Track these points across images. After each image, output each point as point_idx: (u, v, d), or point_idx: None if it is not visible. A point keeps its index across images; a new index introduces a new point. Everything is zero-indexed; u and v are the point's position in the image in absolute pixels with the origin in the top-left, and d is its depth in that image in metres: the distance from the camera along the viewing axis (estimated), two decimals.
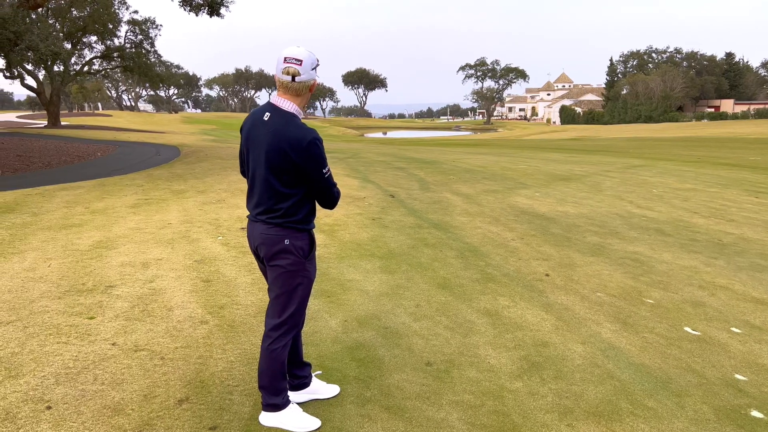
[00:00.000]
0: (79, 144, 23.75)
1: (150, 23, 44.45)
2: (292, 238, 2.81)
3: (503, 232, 7.59)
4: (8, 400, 3.11)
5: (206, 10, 17.38)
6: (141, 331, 4.08)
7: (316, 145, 2.68)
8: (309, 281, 2.93)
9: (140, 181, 12.00)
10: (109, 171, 14.21)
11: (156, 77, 46.96)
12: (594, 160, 19.16)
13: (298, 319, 2.98)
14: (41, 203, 8.89)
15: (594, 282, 5.52)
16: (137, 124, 55.92)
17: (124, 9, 45.05)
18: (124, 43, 44.71)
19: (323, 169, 2.74)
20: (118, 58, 45.12)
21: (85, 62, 46.70)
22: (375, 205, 9.30)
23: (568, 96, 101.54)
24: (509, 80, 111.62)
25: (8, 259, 5.74)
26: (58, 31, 41.94)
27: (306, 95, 2.77)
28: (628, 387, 3.47)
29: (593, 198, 10.63)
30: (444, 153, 23.08)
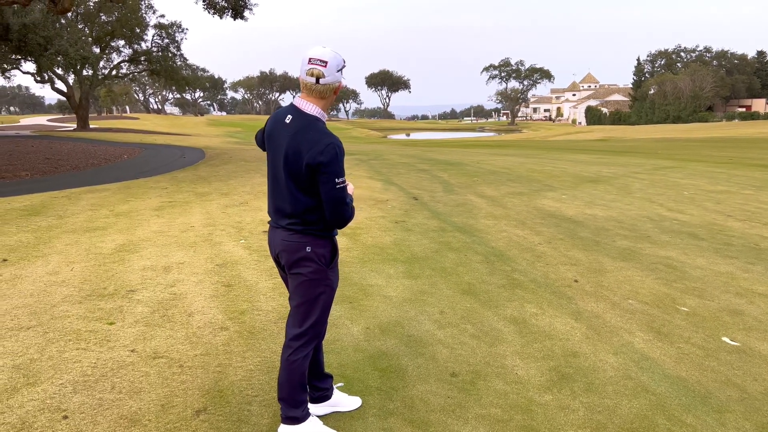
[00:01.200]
0: (106, 147, 24.08)
1: (176, 27, 44.96)
2: (313, 246, 2.69)
3: (529, 235, 7.41)
4: (25, 408, 3.06)
5: (230, 13, 17.45)
6: (160, 338, 4.02)
7: (334, 150, 2.54)
8: (331, 290, 2.82)
9: (165, 184, 12.05)
10: (134, 174, 14.32)
11: (182, 80, 47.52)
12: (622, 162, 18.77)
13: (320, 329, 2.86)
14: (67, 206, 8.96)
15: (625, 288, 5.33)
16: (164, 126, 56.65)
17: (151, 13, 45.81)
18: (150, 47, 45.29)
19: (336, 178, 2.57)
20: (145, 62, 45.72)
21: (113, 66, 47.44)
22: (398, 208, 9.18)
23: (594, 96, 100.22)
24: (534, 81, 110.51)
25: (32, 262, 5.75)
26: (87, 35, 42.67)
27: (330, 98, 2.66)
28: (664, 401, 3.30)
29: (622, 200, 10.36)
30: (468, 154, 22.87)
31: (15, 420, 2.95)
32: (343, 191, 2.61)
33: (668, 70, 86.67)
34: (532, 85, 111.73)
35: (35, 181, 12.57)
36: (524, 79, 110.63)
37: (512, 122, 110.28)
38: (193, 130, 55.84)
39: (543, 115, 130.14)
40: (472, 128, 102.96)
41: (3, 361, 3.60)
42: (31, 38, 26.96)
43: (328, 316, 2.92)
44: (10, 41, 27.16)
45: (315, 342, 2.87)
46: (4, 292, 4.88)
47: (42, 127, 51.05)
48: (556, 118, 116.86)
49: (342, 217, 2.66)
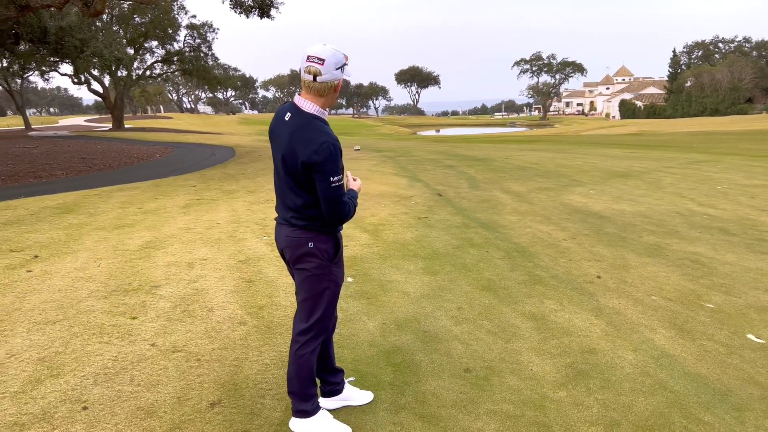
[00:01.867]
0: (139, 146, 24.59)
1: (207, 27, 45.61)
2: (316, 241, 2.71)
3: (554, 231, 7.32)
4: (47, 399, 3.16)
5: (257, 12, 17.61)
6: (180, 332, 4.10)
7: (328, 148, 2.52)
8: (335, 285, 2.83)
9: (193, 182, 12.26)
10: (165, 172, 14.59)
11: (213, 80, 48.22)
12: (654, 156, 18.39)
13: (326, 323, 2.87)
14: (98, 204, 9.19)
15: (649, 284, 5.23)
16: (196, 125, 57.58)
17: (183, 14, 46.50)
18: (183, 47, 46.05)
19: (331, 177, 2.54)
20: (178, 62, 46.50)
21: (147, 66, 48.39)
22: (422, 204, 9.17)
23: (629, 90, 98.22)
24: (566, 74, 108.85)
25: (62, 258, 5.92)
26: (121, 37, 43.59)
27: (330, 96, 2.65)
28: (682, 399, 3.23)
29: (652, 195, 10.15)
30: (497, 150, 22.68)
31: (37, 410, 3.05)
32: (339, 190, 2.58)
33: (706, 61, 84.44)
34: (564, 79, 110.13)
35: (70, 180, 12.92)
36: (556, 73, 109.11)
37: (544, 117, 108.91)
38: (225, 128, 56.62)
39: (576, 110, 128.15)
40: (503, 123, 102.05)
41: (29, 353, 3.72)
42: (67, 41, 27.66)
43: (335, 311, 2.93)
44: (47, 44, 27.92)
45: (322, 336, 2.89)
46: (34, 287, 5.04)
47: (79, 127, 52.37)
48: (589, 113, 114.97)
49: (338, 215, 2.64)
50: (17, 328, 4.13)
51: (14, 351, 3.76)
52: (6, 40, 26.82)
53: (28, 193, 10.39)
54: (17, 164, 16.36)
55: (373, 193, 10.21)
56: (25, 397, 3.18)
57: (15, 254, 6.06)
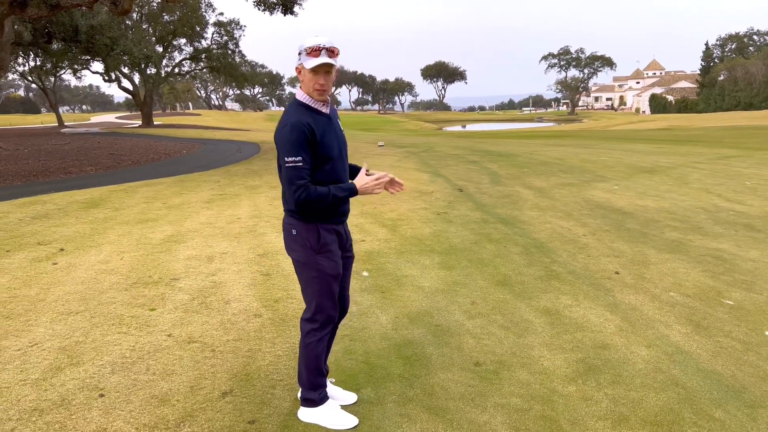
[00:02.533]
0: (167, 142, 24.98)
1: (234, 24, 46.00)
2: (298, 228, 2.77)
3: (574, 227, 7.26)
4: (66, 386, 3.27)
5: (280, 9, 17.74)
6: (197, 323, 4.19)
7: (287, 128, 2.60)
8: (323, 275, 2.81)
9: (218, 177, 12.43)
10: (190, 168, 14.82)
11: (240, 77, 48.65)
12: (682, 151, 18.05)
13: (329, 313, 2.88)
14: (123, 199, 9.39)
15: (668, 281, 5.16)
16: (224, 122, 58.24)
17: (211, 11, 46.98)
18: (210, 45, 46.56)
19: (286, 156, 2.60)
20: (206, 59, 47.04)
21: (175, 64, 49.07)
22: (442, 200, 9.16)
23: (660, 84, 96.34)
24: (595, 69, 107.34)
25: (86, 252, 6.08)
26: (150, 35, 44.30)
27: (303, 80, 2.71)
28: (693, 395, 3.20)
29: (677, 191, 9.99)
30: (522, 145, 22.51)
31: (55, 397, 3.15)
32: (292, 171, 2.59)
33: (739, 54, 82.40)
34: (593, 74, 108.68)
35: (98, 176, 13.21)
36: (585, 68, 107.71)
37: (572, 112, 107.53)
38: (252, 125, 57.17)
39: (605, 104, 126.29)
40: (530, 119, 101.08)
41: (51, 342, 3.85)
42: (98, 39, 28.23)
43: (333, 301, 2.89)
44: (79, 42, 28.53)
45: (328, 326, 2.91)
46: (59, 279, 5.18)
47: (110, 124, 53.42)
48: (618, 107, 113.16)
49: (292, 198, 2.64)
50: (41, 318, 4.26)
51: (37, 340, 3.88)
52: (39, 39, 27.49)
53: (57, 189, 10.66)
54: (49, 160, 16.78)
55: None
56: (45, 384, 3.29)
57: (42, 247, 6.24)
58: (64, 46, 30.93)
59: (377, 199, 9.18)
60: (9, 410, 3.01)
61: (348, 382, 3.33)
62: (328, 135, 2.73)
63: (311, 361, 2.88)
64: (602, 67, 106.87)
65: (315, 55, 2.61)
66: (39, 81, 51.42)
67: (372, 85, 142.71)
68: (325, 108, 2.78)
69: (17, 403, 3.08)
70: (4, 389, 3.23)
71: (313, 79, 2.66)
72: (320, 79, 2.66)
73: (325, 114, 2.77)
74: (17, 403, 3.09)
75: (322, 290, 2.84)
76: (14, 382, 3.31)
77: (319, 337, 2.88)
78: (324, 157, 2.70)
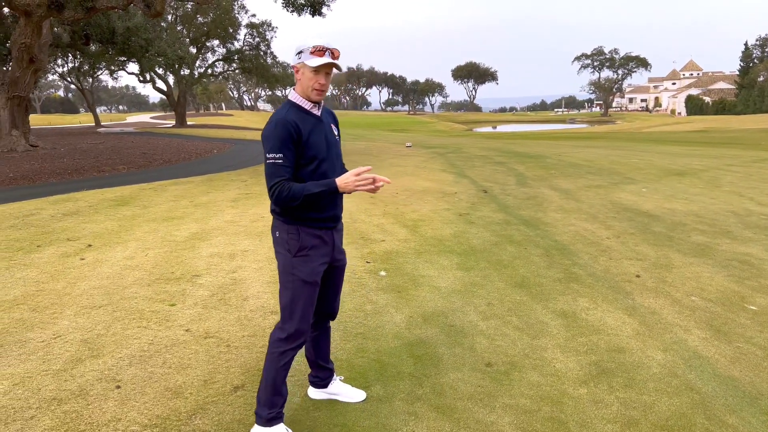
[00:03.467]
0: (198, 142, 25.39)
1: (266, 26, 46.51)
2: (280, 230, 2.72)
3: (598, 229, 7.17)
4: (85, 377, 3.37)
5: (308, 10, 17.89)
6: (214, 319, 4.27)
7: (271, 124, 2.57)
8: (299, 281, 2.69)
9: (245, 177, 12.60)
10: (220, 167, 15.04)
11: (272, 78, 49.15)
12: (716, 153, 17.65)
13: (299, 326, 2.71)
14: (152, 197, 9.59)
15: (690, 285, 5.07)
16: (255, 123, 58.90)
17: (243, 13, 47.58)
18: (243, 46, 47.17)
19: (267, 153, 2.55)
20: (238, 60, 47.65)
21: (209, 65, 49.83)
22: (465, 201, 9.14)
23: (696, 85, 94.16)
24: (629, 69, 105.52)
25: (113, 248, 6.24)
26: (184, 36, 45.09)
27: (299, 80, 2.67)
28: (708, 401, 3.14)
29: (708, 194, 9.77)
30: (552, 147, 22.28)
31: (74, 387, 3.25)
32: (270, 168, 2.55)
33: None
34: (627, 74, 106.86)
35: (130, 174, 13.51)
36: (618, 68, 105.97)
37: (605, 113, 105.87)
38: None
39: (639, 106, 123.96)
40: (562, 120, 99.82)
41: (74, 335, 3.97)
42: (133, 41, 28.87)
43: (306, 315, 2.73)
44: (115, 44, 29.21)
45: (297, 342, 2.74)
46: (86, 274, 5.33)
47: (145, 124, 54.52)
48: (653, 109, 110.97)
49: (270, 194, 2.58)
50: (65, 311, 4.40)
51: (60, 332, 4.01)
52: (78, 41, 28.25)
53: (90, 186, 10.94)
54: (84, 159, 17.22)
55: (416, 189, 10.25)
56: (66, 374, 3.40)
57: (71, 243, 6.42)
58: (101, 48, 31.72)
59: (400, 199, 9.20)
60: (29, 399, 3.12)
61: (358, 380, 3.37)
62: (316, 135, 2.67)
63: (270, 373, 2.75)
64: (637, 68, 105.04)
65: (319, 55, 2.58)
66: (77, 82, 52.76)
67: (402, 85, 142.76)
68: (317, 110, 2.73)
69: (37, 392, 3.19)
70: (27, 378, 3.35)
71: (314, 78, 2.63)
72: (321, 78, 2.64)
73: (315, 115, 2.72)
74: (38, 392, 3.20)
75: (294, 297, 2.70)
76: (36, 372, 3.42)
77: (283, 349, 2.73)
78: (310, 156, 2.64)
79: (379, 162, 15.41)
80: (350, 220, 7.58)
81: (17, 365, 3.52)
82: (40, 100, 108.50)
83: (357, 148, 21.75)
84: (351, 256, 5.94)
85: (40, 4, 16.53)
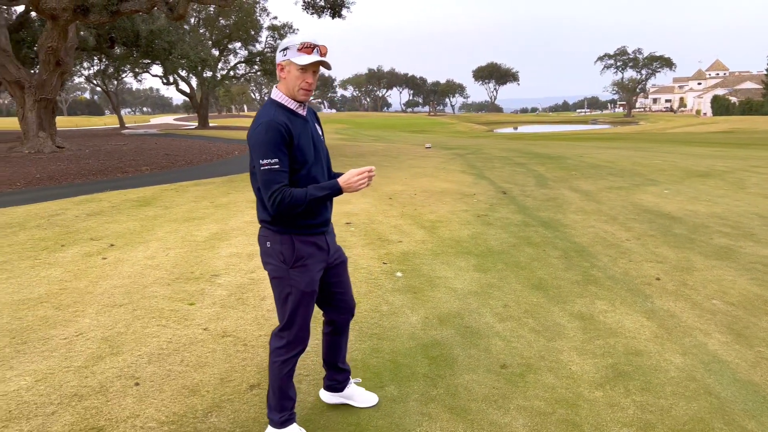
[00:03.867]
0: (220, 143, 25.65)
1: (288, 28, 46.83)
2: (271, 241, 2.59)
3: (618, 231, 7.10)
4: (105, 375, 3.44)
5: (328, 12, 18.00)
6: (232, 318, 4.32)
7: (261, 128, 2.39)
8: (298, 292, 2.60)
9: None
10: (241, 168, 15.17)
11: None
12: (742, 155, 17.34)
13: (299, 334, 2.67)
14: (174, 197, 9.72)
15: (712, 288, 5.00)
16: None
17: (265, 15, 48.02)
18: (264, 48, 47.55)
19: (260, 159, 2.38)
20: (260, 62, 48.05)
21: (231, 67, 50.33)
22: (484, 202, 9.11)
23: (723, 85, 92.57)
24: (653, 70, 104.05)
25: (134, 248, 6.34)
26: (207, 39, 45.60)
27: (284, 78, 2.51)
28: (726, 405, 3.10)
29: (732, 196, 9.61)
30: (573, 147, 22.09)
31: (95, 384, 3.32)
32: (267, 175, 2.39)
33: None
34: (651, 75, 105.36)
35: (153, 175, 13.71)
36: (642, 68, 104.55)
37: (628, 114, 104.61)
38: None
39: (663, 106, 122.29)
40: (585, 120, 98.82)
41: (95, 333, 4.04)
42: (157, 43, 29.31)
43: (306, 323, 2.70)
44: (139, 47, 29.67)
45: (297, 348, 2.70)
46: (107, 273, 5.43)
47: (168, 125, 55.23)
48: (678, 109, 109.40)
49: (269, 204, 2.43)
50: (87, 309, 4.48)
51: (82, 330, 4.09)
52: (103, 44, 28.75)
53: (113, 187, 11.12)
54: (108, 160, 17.51)
55: (435, 190, 10.24)
56: (87, 371, 3.47)
57: (94, 242, 6.54)
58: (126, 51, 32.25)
59: (418, 201, 9.20)
60: (51, 395, 3.20)
61: (373, 380, 3.38)
62: (304, 137, 2.54)
63: (275, 382, 2.71)
64: (661, 68, 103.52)
65: (307, 52, 2.45)
66: (102, 84, 53.68)
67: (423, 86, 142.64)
68: (302, 110, 2.60)
69: (59, 388, 3.26)
70: (49, 375, 3.42)
71: (301, 77, 2.48)
72: (308, 77, 2.50)
73: (302, 116, 2.59)
74: (59, 388, 3.27)
75: (294, 308, 2.63)
76: (58, 369, 3.50)
77: (284, 358, 2.68)
78: (300, 161, 2.50)
79: (398, 163, 15.43)
80: (367, 221, 7.60)
81: (40, 362, 3.60)
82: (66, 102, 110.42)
83: (376, 149, 21.78)
84: (368, 256, 5.97)
85: (66, 8, 16.86)
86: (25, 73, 19.11)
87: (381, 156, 18.04)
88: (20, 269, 5.55)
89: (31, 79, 19.15)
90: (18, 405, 3.10)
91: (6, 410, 3.04)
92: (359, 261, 5.82)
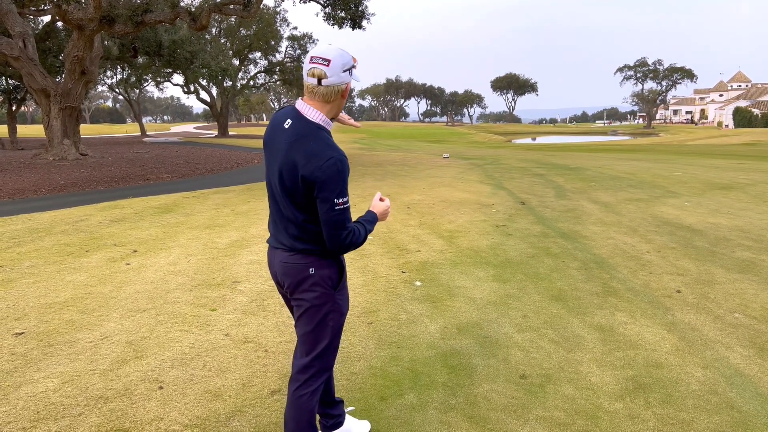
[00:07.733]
0: (240, 152, 25.92)
1: (307, 38, 47.33)
2: (317, 267, 2.35)
3: (638, 243, 7.06)
4: (130, 378, 3.50)
5: (349, 23, 18.19)
6: (253, 325, 4.38)
7: (335, 164, 2.17)
8: (339, 315, 2.46)
9: None
10: (260, 177, 15.32)
11: None
12: (765, 167, 17.13)
13: (329, 359, 2.52)
14: (195, 205, 9.86)
15: (734, 301, 4.95)
16: None
17: (285, 26, 48.51)
18: (284, 58, 48.06)
19: (336, 199, 2.18)
20: (279, 72, 48.55)
21: (251, 77, 50.90)
22: (502, 213, 9.11)
23: (745, 96, 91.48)
24: (674, 81, 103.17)
25: (157, 254, 6.44)
26: (227, 49, 46.18)
27: (337, 102, 2.32)
28: (748, 420, 3.08)
29: (754, 209, 9.51)
30: (592, 159, 21.97)
31: (120, 387, 3.39)
32: (343, 214, 2.23)
33: None
34: (671, 86, 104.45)
35: (174, 183, 13.90)
36: (663, 80, 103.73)
37: (648, 125, 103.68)
38: None
39: (684, 118, 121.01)
40: (604, 132, 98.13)
41: (120, 337, 4.12)
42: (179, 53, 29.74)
43: (338, 346, 2.57)
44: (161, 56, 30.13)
45: (325, 375, 2.53)
46: (131, 278, 5.53)
47: (188, 134, 55.89)
48: (699, 121, 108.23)
49: (341, 243, 2.27)
50: (112, 314, 4.57)
51: (107, 334, 4.17)
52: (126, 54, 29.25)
53: (136, 194, 11.30)
54: (130, 167, 17.79)
55: (453, 200, 10.26)
56: (112, 374, 3.54)
57: (117, 248, 6.66)
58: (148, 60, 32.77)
59: (436, 210, 9.23)
60: (78, 396, 3.27)
61: (392, 388, 3.41)
62: None
63: (304, 416, 2.48)
64: (682, 80, 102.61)
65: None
66: (125, 93, 54.54)
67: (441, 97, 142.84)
68: None
69: (85, 391, 3.33)
70: (75, 377, 3.50)
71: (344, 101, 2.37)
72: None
73: None
74: (85, 390, 3.34)
75: (335, 334, 2.48)
76: (84, 372, 3.58)
77: (314, 388, 2.49)
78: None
79: (416, 173, 15.47)
80: (386, 230, 7.64)
81: (67, 364, 3.68)
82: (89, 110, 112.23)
83: (394, 158, 21.85)
84: (387, 265, 6.01)
85: (92, 19, 17.22)
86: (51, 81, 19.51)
87: (399, 165, 18.09)
88: (47, 273, 5.67)
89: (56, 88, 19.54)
90: (45, 406, 3.17)
91: (34, 411, 3.12)
92: (378, 269, 5.86)
